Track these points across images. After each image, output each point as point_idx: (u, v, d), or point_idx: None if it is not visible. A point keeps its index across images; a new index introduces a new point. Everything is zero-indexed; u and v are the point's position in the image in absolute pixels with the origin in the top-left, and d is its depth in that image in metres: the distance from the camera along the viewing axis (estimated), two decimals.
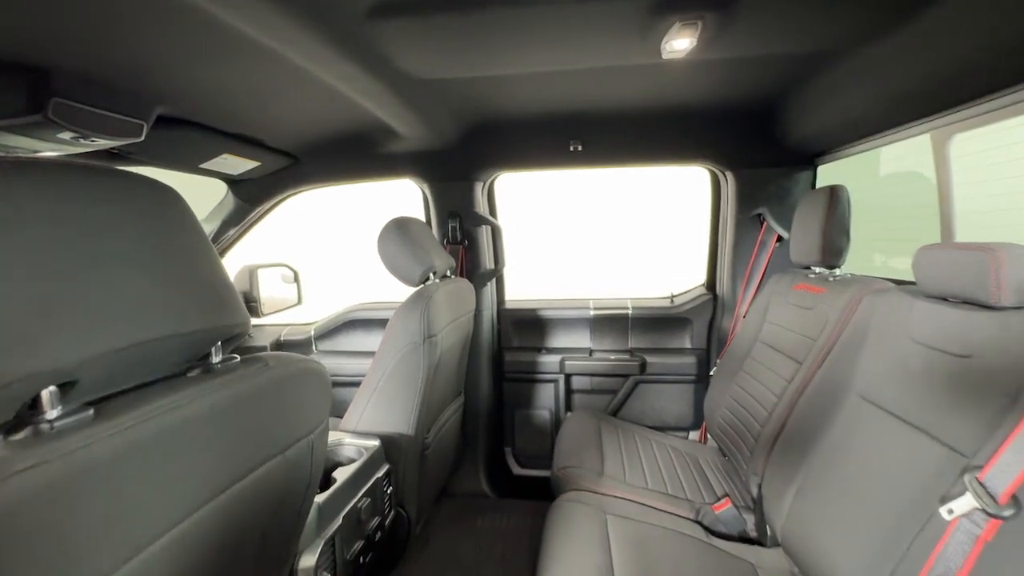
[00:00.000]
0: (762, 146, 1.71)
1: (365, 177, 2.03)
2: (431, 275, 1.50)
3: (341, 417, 1.41)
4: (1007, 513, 0.65)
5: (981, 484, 0.69)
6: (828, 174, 1.74)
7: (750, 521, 1.33)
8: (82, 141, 1.10)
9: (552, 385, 2.11)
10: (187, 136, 1.43)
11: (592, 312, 2.10)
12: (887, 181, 5.15)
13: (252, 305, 2.35)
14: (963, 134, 1.04)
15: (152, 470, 0.49)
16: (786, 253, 1.81)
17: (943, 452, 0.81)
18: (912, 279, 1.26)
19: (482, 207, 2.02)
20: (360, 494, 1.14)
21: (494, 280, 2.10)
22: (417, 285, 1.47)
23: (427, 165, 1.95)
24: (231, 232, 2.12)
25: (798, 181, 1.74)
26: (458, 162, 1.93)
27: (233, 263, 2.33)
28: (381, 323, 2.15)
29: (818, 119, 1.45)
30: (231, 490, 0.60)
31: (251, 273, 2.37)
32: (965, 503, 0.70)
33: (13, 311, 0.40)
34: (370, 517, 1.21)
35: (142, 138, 1.25)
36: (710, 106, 1.58)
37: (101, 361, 0.46)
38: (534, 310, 2.15)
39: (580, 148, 1.78)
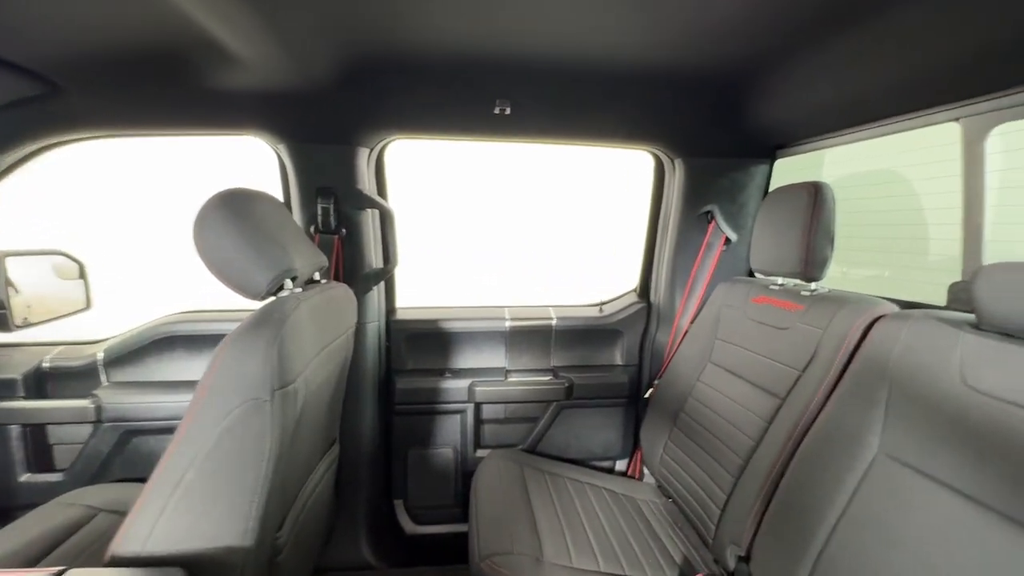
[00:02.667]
0: (720, 130, 1.44)
1: (181, 127, 1.35)
2: (288, 282, 0.95)
3: (145, 480, 0.79)
4: None
5: None
6: (782, 170, 1.55)
7: None
8: None
9: (458, 417, 1.67)
10: None
11: (508, 324, 1.70)
12: (846, 182, 4.75)
13: None
14: (1006, 125, 0.85)
15: None
16: (732, 259, 1.61)
17: None
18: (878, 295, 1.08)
19: (368, 183, 1.48)
20: None
21: (382, 284, 1.58)
22: (263, 298, 0.91)
23: (286, 115, 1.34)
24: None
25: (754, 176, 1.52)
26: (335, 115, 1.35)
27: None
28: (215, 340, 1.48)
29: (798, 99, 1.19)
30: None
31: None
32: None
33: None
34: None
35: None
36: (672, 72, 1.24)
37: None
38: (434, 321, 1.68)
39: (508, 112, 1.33)
